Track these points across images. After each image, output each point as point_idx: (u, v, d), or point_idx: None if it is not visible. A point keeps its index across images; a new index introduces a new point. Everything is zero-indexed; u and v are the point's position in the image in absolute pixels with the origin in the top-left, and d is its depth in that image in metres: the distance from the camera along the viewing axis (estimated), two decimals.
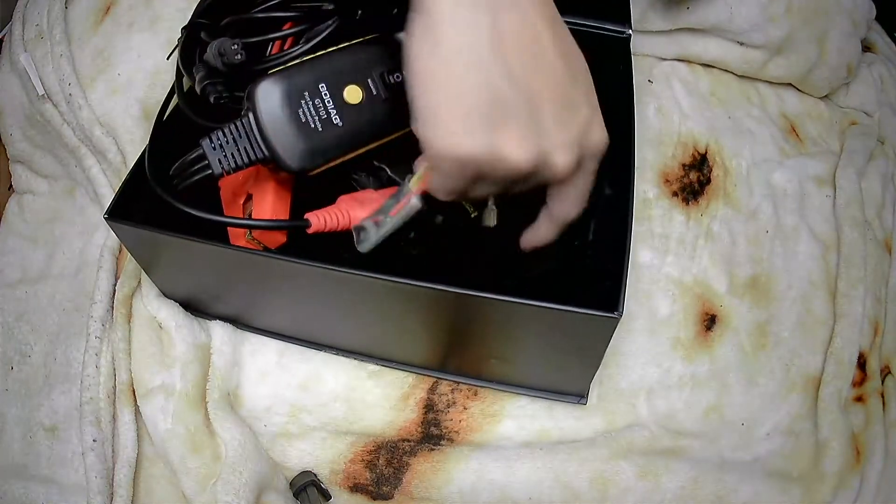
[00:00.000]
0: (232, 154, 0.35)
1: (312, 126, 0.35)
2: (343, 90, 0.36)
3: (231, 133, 0.35)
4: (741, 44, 0.53)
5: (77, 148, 0.50)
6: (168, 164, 0.38)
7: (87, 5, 0.53)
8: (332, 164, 0.36)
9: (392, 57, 0.37)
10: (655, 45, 0.55)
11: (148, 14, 0.52)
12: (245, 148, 0.35)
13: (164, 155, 0.39)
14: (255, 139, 0.35)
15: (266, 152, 0.35)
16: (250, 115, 0.35)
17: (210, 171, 0.35)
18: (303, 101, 0.35)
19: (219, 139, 0.35)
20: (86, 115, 0.49)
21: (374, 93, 0.37)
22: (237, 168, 0.35)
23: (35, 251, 0.51)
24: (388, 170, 0.40)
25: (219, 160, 0.35)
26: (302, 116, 0.35)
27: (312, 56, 0.36)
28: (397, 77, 0.37)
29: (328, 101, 0.36)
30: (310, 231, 0.36)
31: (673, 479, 0.39)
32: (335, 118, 0.36)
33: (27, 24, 0.53)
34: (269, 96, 0.35)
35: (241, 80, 0.38)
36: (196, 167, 0.35)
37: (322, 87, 0.35)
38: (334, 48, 0.37)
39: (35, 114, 0.51)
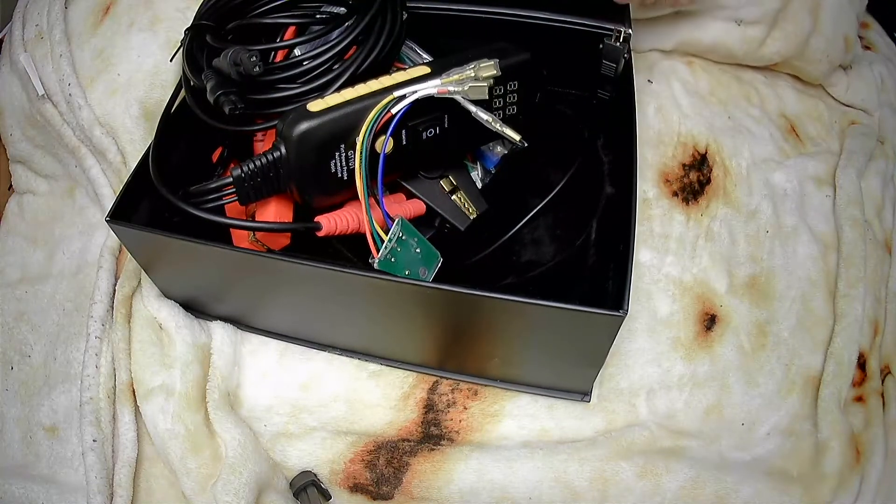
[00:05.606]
0: (258, 186, 0.35)
1: (339, 176, 0.35)
2: (375, 140, 0.35)
3: (260, 167, 0.35)
4: (738, 23, 0.52)
5: (77, 148, 0.50)
6: (169, 165, 0.38)
7: (86, 5, 0.53)
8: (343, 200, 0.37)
9: (430, 104, 0.36)
10: (655, 36, 0.54)
11: (148, 14, 0.52)
12: (271, 182, 0.35)
13: (166, 155, 0.39)
14: (282, 176, 0.35)
15: (289, 189, 0.36)
16: (283, 151, 0.34)
17: (235, 200, 0.36)
18: (337, 154, 0.35)
19: (249, 170, 0.35)
20: (86, 115, 0.49)
21: (404, 143, 0.36)
22: (259, 198, 0.36)
23: (35, 251, 0.51)
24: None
25: (246, 192, 0.35)
26: (332, 167, 0.35)
27: (354, 97, 0.35)
28: (430, 133, 0.37)
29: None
30: (320, 234, 0.36)
31: (673, 479, 0.39)
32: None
33: (27, 24, 0.53)
34: (305, 142, 0.34)
35: (253, 89, 0.38)
36: (222, 194, 0.36)
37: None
38: (378, 87, 0.35)
39: (35, 114, 0.51)
